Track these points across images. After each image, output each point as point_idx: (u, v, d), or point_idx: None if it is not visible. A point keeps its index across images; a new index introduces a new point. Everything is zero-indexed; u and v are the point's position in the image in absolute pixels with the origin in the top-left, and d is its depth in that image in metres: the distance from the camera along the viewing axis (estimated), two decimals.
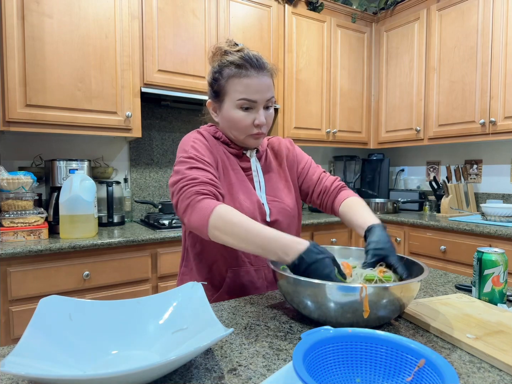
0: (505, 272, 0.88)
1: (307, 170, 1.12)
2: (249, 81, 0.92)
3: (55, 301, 0.68)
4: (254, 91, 0.93)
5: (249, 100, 0.93)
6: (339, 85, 2.87)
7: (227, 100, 0.96)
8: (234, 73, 0.93)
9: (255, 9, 2.44)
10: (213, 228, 0.81)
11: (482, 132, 2.34)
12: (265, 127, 0.98)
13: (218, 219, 0.81)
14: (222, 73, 0.95)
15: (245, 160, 1.04)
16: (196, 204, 0.84)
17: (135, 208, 2.46)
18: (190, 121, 2.63)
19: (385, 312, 0.70)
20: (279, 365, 0.61)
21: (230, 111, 0.96)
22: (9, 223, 1.70)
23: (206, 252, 1.01)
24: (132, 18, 2.03)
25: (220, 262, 1.00)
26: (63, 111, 1.87)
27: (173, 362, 0.51)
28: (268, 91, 0.95)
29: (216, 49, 0.98)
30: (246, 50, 0.96)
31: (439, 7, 2.57)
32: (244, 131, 0.96)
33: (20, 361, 0.51)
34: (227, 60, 0.94)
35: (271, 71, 0.98)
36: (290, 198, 1.07)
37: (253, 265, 1.01)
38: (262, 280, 1.03)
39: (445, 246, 2.22)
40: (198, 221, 0.83)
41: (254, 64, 0.93)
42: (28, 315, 1.58)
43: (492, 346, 0.64)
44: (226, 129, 1.00)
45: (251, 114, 0.95)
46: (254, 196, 1.00)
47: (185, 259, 1.07)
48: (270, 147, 1.13)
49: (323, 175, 1.12)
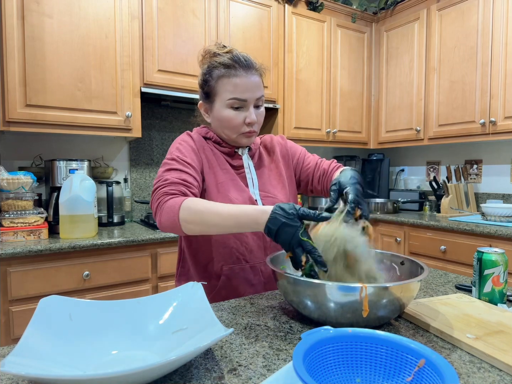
0: (505, 272, 0.88)
1: (303, 160, 1.14)
2: (238, 80, 0.94)
3: (55, 301, 0.68)
4: (244, 90, 0.94)
5: (239, 100, 0.95)
6: (339, 85, 2.87)
7: (218, 100, 0.98)
8: (223, 74, 0.95)
9: (255, 9, 2.44)
10: (184, 222, 0.83)
11: (482, 132, 2.34)
12: (256, 126, 0.99)
13: (186, 213, 0.82)
14: (211, 75, 0.97)
15: (237, 158, 1.06)
16: (164, 204, 0.86)
17: (135, 208, 2.46)
18: (190, 121, 2.62)
19: (385, 312, 0.70)
20: (279, 365, 0.61)
21: (221, 111, 0.97)
22: (9, 223, 1.70)
23: (201, 252, 1.02)
24: (132, 18, 2.03)
25: (215, 261, 1.01)
26: (63, 111, 1.87)
27: (173, 362, 0.51)
28: (257, 90, 0.96)
29: (205, 52, 1.01)
30: (234, 51, 0.97)
31: (439, 7, 2.57)
32: (236, 130, 0.98)
33: (20, 361, 0.51)
34: (216, 61, 0.96)
35: (260, 70, 0.99)
36: (284, 194, 1.08)
37: (248, 262, 1.02)
38: (259, 276, 1.03)
39: (445, 246, 2.22)
40: (168, 219, 0.84)
41: (242, 64, 0.95)
42: (28, 315, 1.58)
43: (492, 346, 0.64)
44: (218, 129, 1.02)
45: (241, 113, 0.97)
46: (246, 192, 1.01)
47: (182, 260, 1.09)
48: (263, 145, 1.14)
49: (320, 161, 1.13)
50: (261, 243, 1.03)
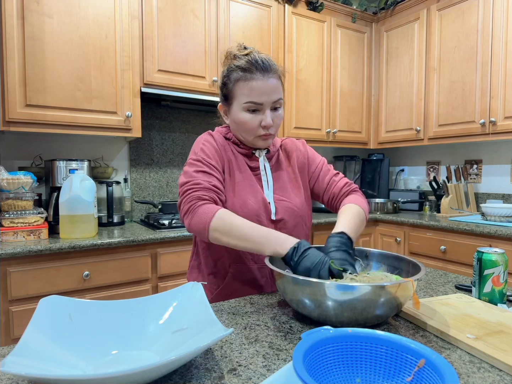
0: (505, 272, 0.88)
1: (318, 174, 1.12)
2: (254, 84, 0.95)
3: (55, 301, 0.68)
4: (260, 93, 0.95)
5: (255, 103, 0.96)
6: (339, 85, 2.87)
7: (235, 103, 0.99)
8: (241, 77, 0.96)
9: (255, 9, 2.44)
10: (213, 230, 0.88)
11: (482, 132, 2.34)
12: (273, 129, 1.00)
13: (219, 222, 0.87)
14: (230, 78, 0.99)
15: (254, 160, 1.07)
16: (197, 208, 0.90)
17: (135, 208, 2.46)
18: (190, 121, 2.63)
19: (383, 311, 0.70)
20: (279, 365, 0.61)
21: (238, 114, 0.99)
22: (9, 223, 1.70)
23: (212, 247, 1.05)
24: (132, 18, 2.03)
25: (224, 258, 1.03)
26: (63, 111, 1.87)
27: (173, 362, 0.51)
28: (274, 93, 0.97)
29: (227, 54, 1.02)
30: (253, 54, 0.98)
31: (439, 7, 2.57)
32: (252, 132, 0.99)
33: (20, 361, 0.51)
34: (234, 64, 0.98)
35: (278, 72, 0.99)
36: (299, 198, 1.08)
37: (256, 263, 1.03)
38: (266, 278, 1.05)
39: (445, 246, 2.22)
40: (198, 224, 0.89)
41: (259, 67, 0.95)
42: (28, 315, 1.58)
43: (492, 346, 0.64)
44: (236, 131, 1.04)
45: (258, 116, 0.97)
46: (260, 194, 1.02)
47: (195, 253, 1.12)
48: (283, 148, 1.15)
49: (334, 180, 1.11)
50: None
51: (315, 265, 0.77)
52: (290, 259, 0.81)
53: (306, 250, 0.80)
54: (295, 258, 0.79)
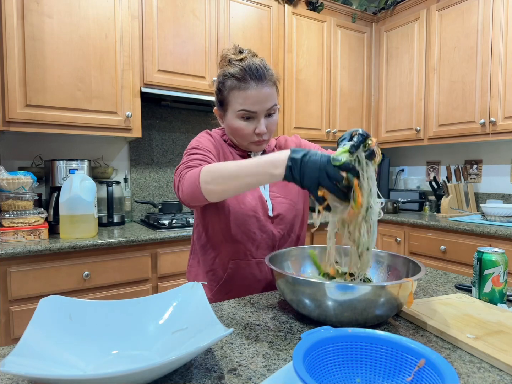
0: (505, 272, 0.88)
1: None
2: (248, 93, 0.95)
3: (55, 301, 0.68)
4: (254, 102, 0.96)
5: (249, 111, 0.97)
6: (339, 85, 2.87)
7: (230, 110, 1.00)
8: (235, 86, 0.97)
9: (255, 9, 2.44)
10: (204, 184, 0.83)
11: (482, 132, 2.34)
12: (266, 135, 1.01)
13: (207, 174, 0.83)
14: (224, 85, 1.00)
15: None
16: (185, 175, 0.89)
17: (135, 208, 2.46)
18: (190, 121, 2.63)
19: (383, 311, 0.70)
20: (279, 365, 0.61)
21: (232, 121, 1.00)
22: (9, 223, 1.70)
23: (210, 244, 1.06)
24: (132, 18, 2.03)
25: (223, 254, 1.04)
26: (63, 111, 1.87)
27: (173, 362, 0.51)
28: (268, 101, 0.97)
29: (222, 57, 1.03)
30: (247, 60, 0.97)
31: (439, 7, 2.57)
32: (246, 139, 1.01)
33: (20, 361, 0.51)
34: (229, 72, 0.98)
35: (273, 79, 1.00)
36: (295, 194, 1.10)
37: (254, 258, 1.04)
38: (264, 273, 1.06)
39: (445, 246, 2.22)
40: (189, 186, 0.86)
41: (253, 76, 0.95)
42: (28, 315, 1.58)
43: (492, 346, 0.64)
44: (231, 135, 1.06)
45: (252, 124, 0.99)
46: (256, 191, 1.05)
47: (193, 252, 1.13)
48: (278, 146, 1.17)
49: None
50: (270, 241, 1.05)
51: (320, 171, 0.68)
52: (291, 179, 0.72)
53: (301, 161, 0.70)
54: (296, 177, 0.71)
